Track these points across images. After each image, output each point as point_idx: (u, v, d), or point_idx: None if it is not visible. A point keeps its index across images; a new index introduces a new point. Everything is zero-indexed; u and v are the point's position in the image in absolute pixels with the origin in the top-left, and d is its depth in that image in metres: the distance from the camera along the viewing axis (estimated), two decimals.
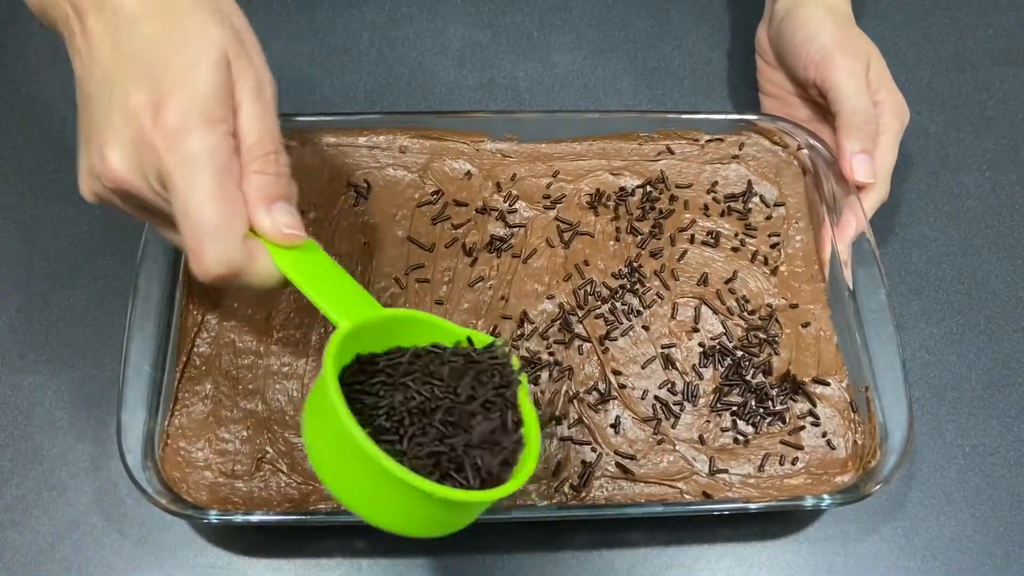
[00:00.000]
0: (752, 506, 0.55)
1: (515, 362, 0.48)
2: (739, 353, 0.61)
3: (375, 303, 0.49)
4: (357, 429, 0.40)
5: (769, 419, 0.59)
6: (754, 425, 0.59)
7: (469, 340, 0.49)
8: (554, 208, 0.66)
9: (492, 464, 0.44)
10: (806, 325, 0.62)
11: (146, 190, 0.44)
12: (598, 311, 0.62)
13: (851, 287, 0.62)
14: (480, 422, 0.45)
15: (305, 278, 0.46)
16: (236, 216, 0.44)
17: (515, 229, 0.65)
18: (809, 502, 0.55)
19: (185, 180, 0.42)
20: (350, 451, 0.41)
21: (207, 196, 0.42)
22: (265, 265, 0.45)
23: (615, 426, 0.58)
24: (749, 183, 0.68)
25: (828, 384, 0.60)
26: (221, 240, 0.43)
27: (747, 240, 0.65)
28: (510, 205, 0.66)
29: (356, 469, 0.42)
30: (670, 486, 0.56)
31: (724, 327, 0.62)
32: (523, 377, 0.48)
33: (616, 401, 0.59)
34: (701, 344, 0.61)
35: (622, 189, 0.67)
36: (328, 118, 0.68)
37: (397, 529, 0.43)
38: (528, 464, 0.45)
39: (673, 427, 0.58)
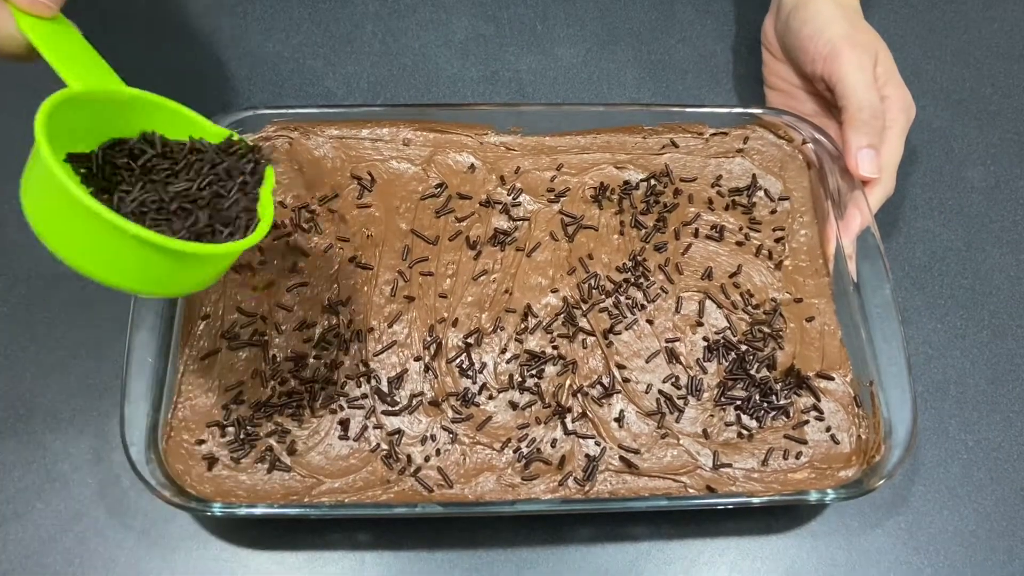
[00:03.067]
0: (756, 500, 0.55)
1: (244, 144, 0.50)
2: (743, 347, 0.61)
3: (120, 82, 0.49)
4: (62, 173, 0.41)
5: (773, 413, 0.59)
6: (758, 419, 0.58)
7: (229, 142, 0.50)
8: (558, 201, 0.66)
9: (203, 220, 0.45)
10: (810, 319, 0.62)
11: None
12: (602, 305, 0.62)
13: (855, 282, 0.62)
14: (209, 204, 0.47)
15: (48, 45, 0.47)
16: None
17: (519, 222, 0.65)
18: (813, 496, 0.55)
19: None
20: (61, 199, 0.41)
21: None
22: (3, 23, 0.46)
23: (619, 420, 0.58)
24: (754, 177, 0.68)
25: (832, 379, 0.60)
26: None
27: (752, 234, 0.65)
28: (514, 198, 0.66)
29: (68, 217, 0.42)
30: (674, 480, 0.56)
31: (728, 321, 0.62)
32: (269, 171, 0.50)
33: (620, 395, 0.59)
34: (705, 338, 0.61)
35: (626, 183, 0.67)
36: (331, 110, 0.68)
37: (119, 282, 0.44)
38: (252, 239, 0.47)
39: (677, 421, 0.58)
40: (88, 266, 0.43)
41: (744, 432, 0.58)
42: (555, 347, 0.60)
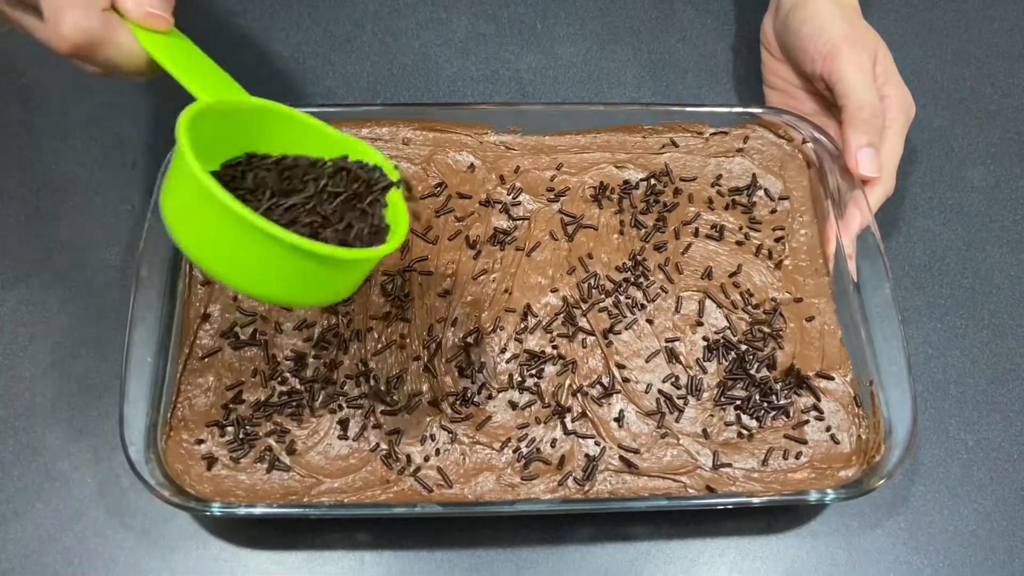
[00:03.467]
0: (755, 500, 0.55)
1: (387, 168, 0.50)
2: (743, 347, 0.61)
3: (243, 91, 0.49)
4: (215, 184, 0.40)
5: (773, 413, 0.59)
6: (758, 419, 0.58)
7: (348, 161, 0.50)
8: (558, 201, 0.66)
9: (353, 232, 0.46)
10: (810, 319, 0.62)
11: None
12: (602, 305, 0.62)
13: (855, 281, 0.62)
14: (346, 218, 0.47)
15: (168, 57, 0.47)
16: None
17: (519, 222, 0.65)
18: (813, 496, 0.55)
19: None
20: (210, 209, 0.41)
21: None
22: (126, 41, 0.46)
23: (619, 420, 0.58)
24: (754, 176, 0.67)
25: (832, 378, 0.60)
26: (81, 10, 0.44)
27: (751, 234, 0.65)
28: (514, 198, 0.66)
29: (219, 229, 0.41)
30: (674, 480, 0.56)
31: (728, 321, 0.62)
32: (395, 175, 0.50)
33: (620, 395, 0.59)
34: (705, 338, 0.61)
35: (626, 182, 0.67)
36: (331, 109, 0.68)
37: (270, 293, 0.43)
38: (392, 243, 0.47)
39: (677, 421, 0.58)
40: (234, 276, 0.43)
41: (744, 432, 0.58)
42: (555, 347, 0.60)
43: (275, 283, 0.43)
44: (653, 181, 0.67)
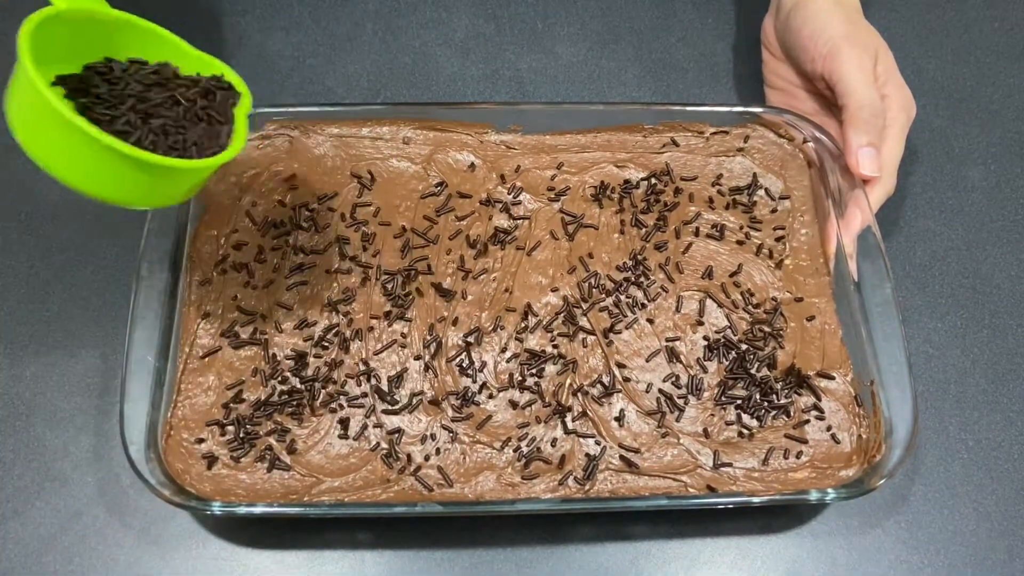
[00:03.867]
0: (756, 500, 0.55)
1: (235, 81, 0.54)
2: (744, 347, 0.61)
3: (106, 4, 0.51)
4: (45, 86, 0.44)
5: (773, 413, 0.59)
6: (758, 419, 0.58)
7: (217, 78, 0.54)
8: (558, 200, 0.66)
9: (192, 141, 0.50)
10: (811, 319, 0.62)
11: None
12: (602, 304, 0.62)
13: (856, 281, 0.62)
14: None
15: None
16: None
17: (519, 221, 0.65)
18: (813, 496, 0.55)
19: None
20: (43, 113, 0.44)
21: None
22: None
23: (619, 419, 0.58)
24: (754, 176, 0.67)
25: (833, 378, 0.60)
26: None
27: (752, 233, 0.65)
28: (514, 197, 0.66)
29: (51, 130, 0.45)
30: (674, 479, 0.56)
31: (729, 320, 0.62)
32: (245, 96, 0.54)
33: (620, 394, 0.59)
34: (706, 337, 0.61)
35: (627, 181, 0.67)
36: (331, 109, 0.68)
37: (102, 193, 0.47)
38: (226, 155, 0.50)
39: (677, 420, 0.58)
40: (70, 176, 0.46)
41: (744, 431, 0.58)
42: (555, 346, 0.60)
43: (106, 184, 0.47)
44: (654, 180, 0.67)
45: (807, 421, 0.58)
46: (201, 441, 0.56)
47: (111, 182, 0.47)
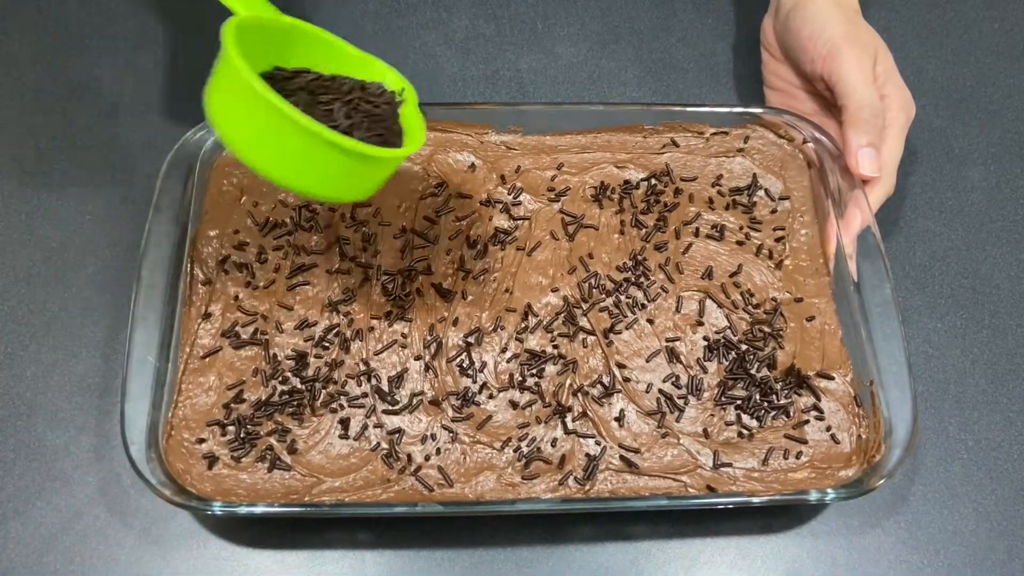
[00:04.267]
0: (756, 500, 0.55)
1: (397, 83, 0.56)
2: (743, 347, 0.61)
3: (276, 9, 0.53)
4: (260, 83, 0.46)
5: (773, 413, 0.59)
6: (758, 419, 0.59)
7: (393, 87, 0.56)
8: (558, 201, 0.66)
9: (373, 137, 0.51)
10: (811, 319, 0.62)
11: None
12: (602, 304, 0.62)
13: (856, 281, 0.62)
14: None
15: None
16: None
17: (519, 222, 0.65)
18: (813, 496, 0.55)
19: None
20: (256, 107, 0.46)
21: None
22: None
23: (619, 419, 0.58)
24: (754, 176, 0.68)
25: (832, 378, 0.60)
26: None
27: (752, 234, 0.65)
28: (514, 197, 0.66)
29: (261, 125, 0.47)
30: (674, 479, 0.56)
31: (729, 321, 0.62)
32: (410, 93, 0.56)
33: (620, 394, 0.59)
34: (706, 338, 0.61)
35: (627, 182, 0.67)
36: None
37: (304, 186, 0.49)
38: (411, 146, 0.53)
39: (677, 421, 0.58)
40: (272, 168, 0.48)
41: (744, 432, 0.58)
42: (555, 346, 0.60)
43: (308, 176, 0.49)
44: (654, 181, 0.67)
45: (807, 421, 0.59)
46: (202, 441, 0.57)
47: (315, 173, 0.49)
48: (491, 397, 0.59)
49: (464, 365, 0.59)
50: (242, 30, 0.49)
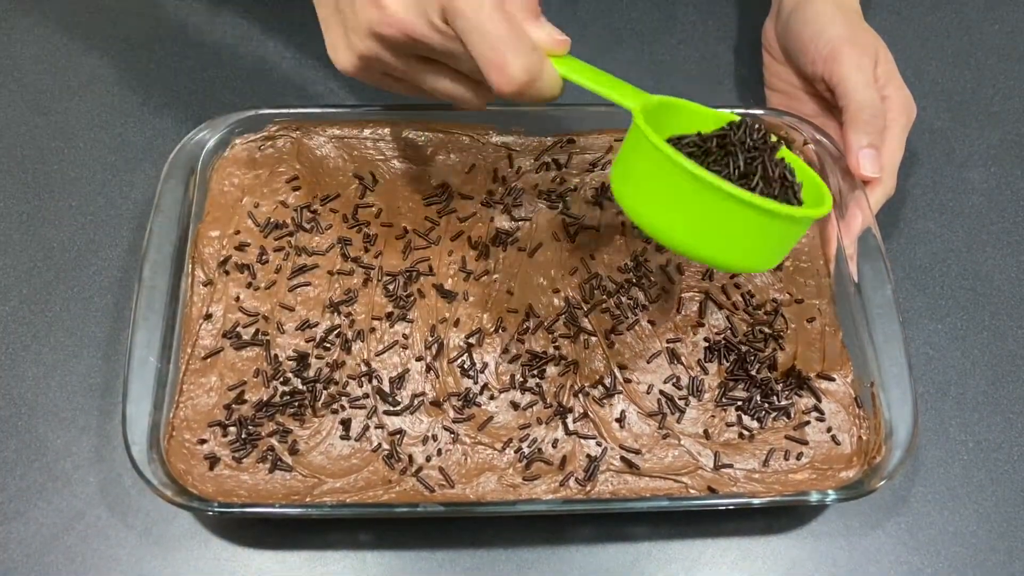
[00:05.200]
0: (756, 501, 0.55)
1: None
2: (744, 348, 0.61)
3: (639, 90, 0.52)
4: (679, 156, 0.44)
5: (774, 414, 0.59)
6: (759, 420, 0.59)
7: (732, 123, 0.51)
8: (560, 202, 0.66)
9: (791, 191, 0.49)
10: (811, 320, 0.62)
11: (427, 28, 0.48)
12: (604, 305, 0.62)
13: (856, 282, 0.62)
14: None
15: (584, 77, 0.51)
16: (521, 28, 0.48)
17: (521, 223, 0.65)
18: (814, 497, 0.55)
19: (471, 4, 0.46)
20: (684, 185, 0.45)
21: (495, 12, 0.46)
22: (551, 71, 0.49)
23: (620, 420, 0.58)
24: None
25: (833, 379, 0.60)
26: (521, 50, 0.47)
27: None
28: (515, 199, 0.66)
29: (684, 200, 0.45)
30: (675, 480, 0.56)
31: (729, 322, 0.62)
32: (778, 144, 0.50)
33: (621, 395, 0.59)
34: (706, 339, 0.61)
35: None
36: (333, 110, 0.68)
37: (729, 261, 0.47)
38: (826, 205, 0.49)
39: (678, 422, 0.58)
40: (695, 244, 0.46)
41: (745, 433, 0.58)
42: (557, 347, 0.60)
43: (733, 247, 0.46)
44: None
45: (807, 422, 0.59)
46: (203, 442, 0.57)
47: (739, 244, 0.46)
48: (492, 398, 0.59)
49: (465, 366, 0.59)
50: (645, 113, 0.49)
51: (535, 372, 0.59)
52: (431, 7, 0.47)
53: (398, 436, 0.57)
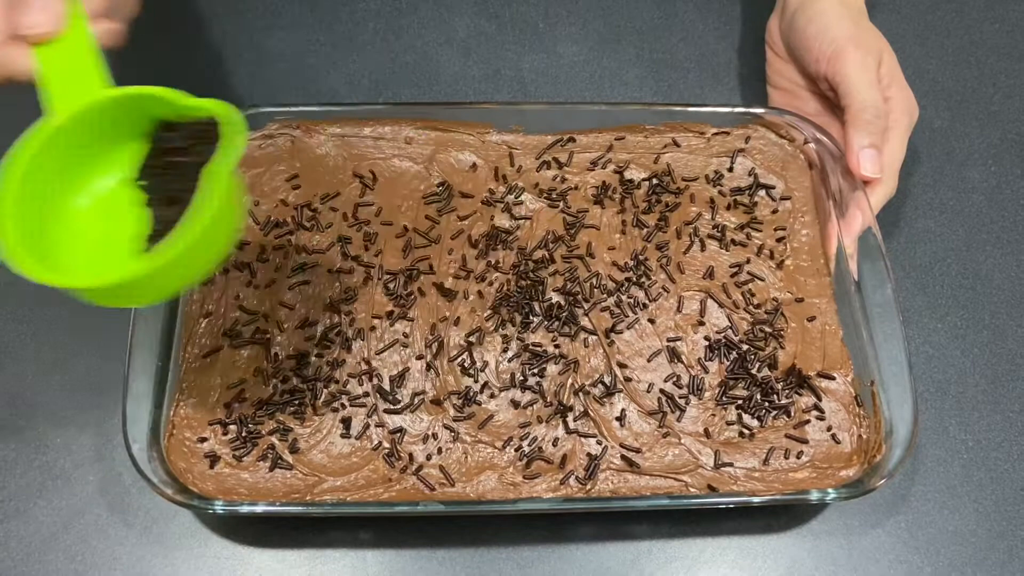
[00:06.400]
0: (756, 500, 0.55)
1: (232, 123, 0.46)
2: (744, 347, 0.61)
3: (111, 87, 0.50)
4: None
5: (774, 413, 0.59)
6: (759, 419, 0.59)
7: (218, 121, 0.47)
8: (560, 200, 0.66)
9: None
10: (812, 319, 0.62)
11: None
12: (604, 304, 0.62)
13: (857, 281, 0.62)
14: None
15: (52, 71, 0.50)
16: None
17: (521, 221, 0.65)
18: (814, 496, 0.55)
19: None
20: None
21: None
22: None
23: (620, 419, 0.58)
24: (755, 177, 0.68)
25: (833, 378, 0.60)
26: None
27: (753, 234, 0.65)
28: (516, 197, 0.66)
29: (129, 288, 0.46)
30: (675, 479, 0.57)
31: (730, 321, 0.62)
32: (228, 149, 0.45)
33: (622, 394, 0.59)
34: (707, 338, 0.61)
35: (628, 182, 0.67)
36: (333, 108, 0.68)
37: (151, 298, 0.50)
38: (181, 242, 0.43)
39: (678, 420, 0.58)
40: (112, 303, 0.48)
41: (745, 431, 0.58)
42: (557, 346, 0.60)
43: (147, 296, 0.48)
44: (655, 181, 0.67)
45: (808, 421, 0.59)
46: (203, 440, 0.57)
47: (150, 293, 0.48)
48: (492, 396, 0.59)
49: (466, 364, 0.59)
50: (75, 128, 0.49)
51: (535, 371, 0.59)
52: None
53: (398, 434, 0.57)
